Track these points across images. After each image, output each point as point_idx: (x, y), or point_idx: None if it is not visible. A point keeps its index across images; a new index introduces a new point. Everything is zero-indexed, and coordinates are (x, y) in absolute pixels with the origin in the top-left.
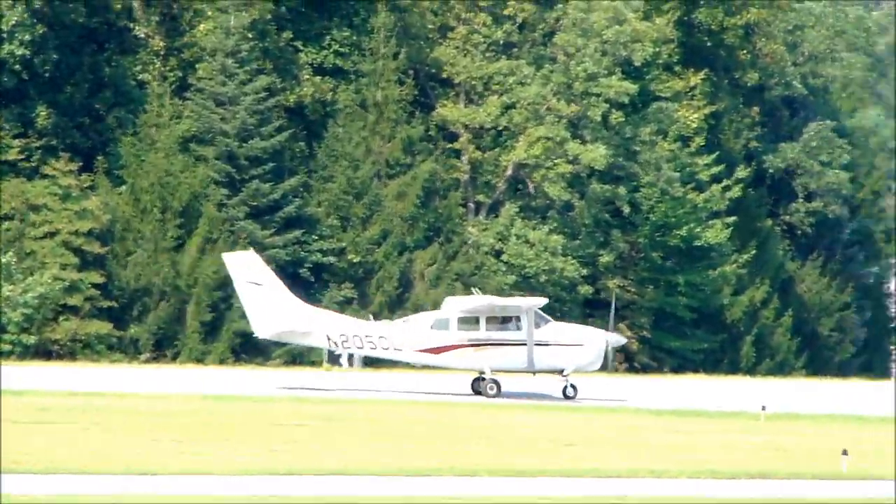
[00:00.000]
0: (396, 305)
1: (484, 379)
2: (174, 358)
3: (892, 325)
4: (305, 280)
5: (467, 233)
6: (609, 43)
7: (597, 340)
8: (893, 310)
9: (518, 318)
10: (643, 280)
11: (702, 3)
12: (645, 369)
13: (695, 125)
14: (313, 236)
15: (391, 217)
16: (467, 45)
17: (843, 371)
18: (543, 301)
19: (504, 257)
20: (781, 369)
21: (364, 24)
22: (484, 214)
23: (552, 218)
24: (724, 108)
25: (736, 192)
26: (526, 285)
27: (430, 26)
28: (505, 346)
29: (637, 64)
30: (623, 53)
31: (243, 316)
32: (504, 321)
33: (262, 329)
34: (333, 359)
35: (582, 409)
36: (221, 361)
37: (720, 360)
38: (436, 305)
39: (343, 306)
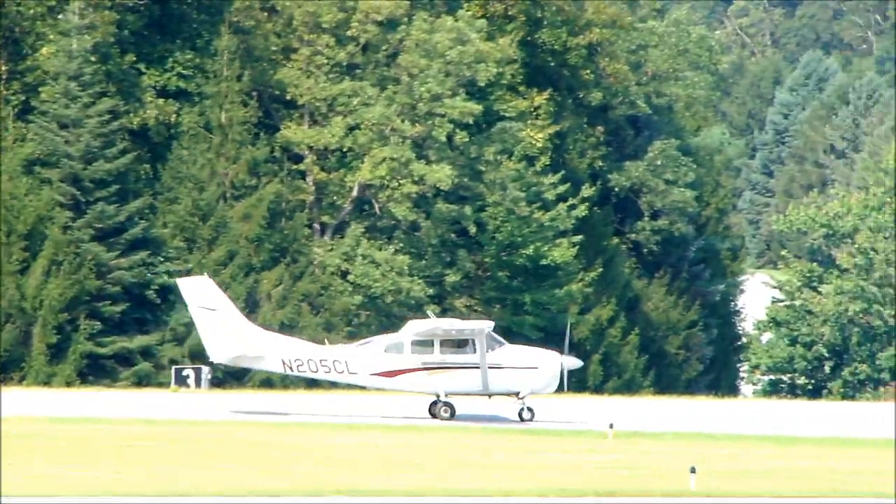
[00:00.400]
0: None
1: (437, 402)
2: (21, 381)
3: (739, 343)
4: (152, 302)
5: (313, 253)
6: (453, 63)
7: (551, 363)
8: (740, 327)
9: (472, 342)
10: (490, 299)
11: (545, 23)
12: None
13: (539, 145)
14: (159, 258)
15: (237, 238)
16: (311, 67)
17: (690, 389)
18: (491, 324)
19: (350, 277)
20: (629, 388)
21: (207, 47)
22: (329, 235)
23: (398, 238)
24: (568, 127)
25: (581, 210)
26: (372, 306)
27: (273, 48)
28: (459, 369)
29: (481, 84)
30: (467, 74)
31: (89, 338)
32: (458, 344)
33: (217, 354)
34: (181, 380)
35: (427, 429)
36: (68, 384)
37: (568, 379)
38: (282, 326)
39: (189, 328)
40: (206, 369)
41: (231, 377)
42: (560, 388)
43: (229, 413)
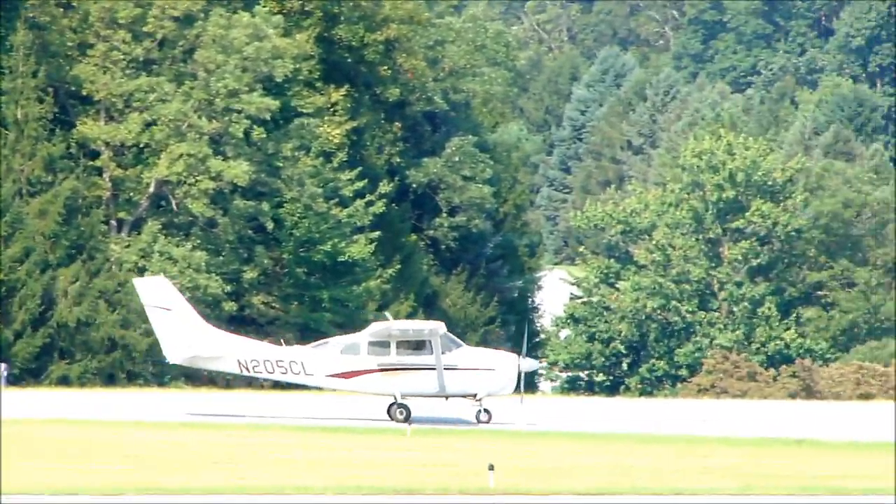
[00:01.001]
0: (39, 324)
1: (399, 404)
2: None
3: (538, 340)
4: None
5: (110, 250)
6: (250, 59)
7: (508, 365)
8: (538, 323)
9: (429, 343)
10: (287, 296)
11: (342, 19)
12: (290, 386)
13: (337, 141)
14: None
15: (33, 235)
16: (107, 63)
17: None
18: (443, 326)
19: (147, 274)
20: None
21: (2, 43)
22: (126, 232)
23: (195, 235)
24: (365, 123)
25: (379, 207)
26: None
27: (69, 44)
28: (415, 370)
29: (278, 80)
30: (264, 70)
31: None
32: (415, 346)
33: (174, 354)
34: None
35: (225, 426)
36: None
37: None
38: (80, 322)
39: None
40: (3, 366)
41: (29, 374)
42: (517, 390)
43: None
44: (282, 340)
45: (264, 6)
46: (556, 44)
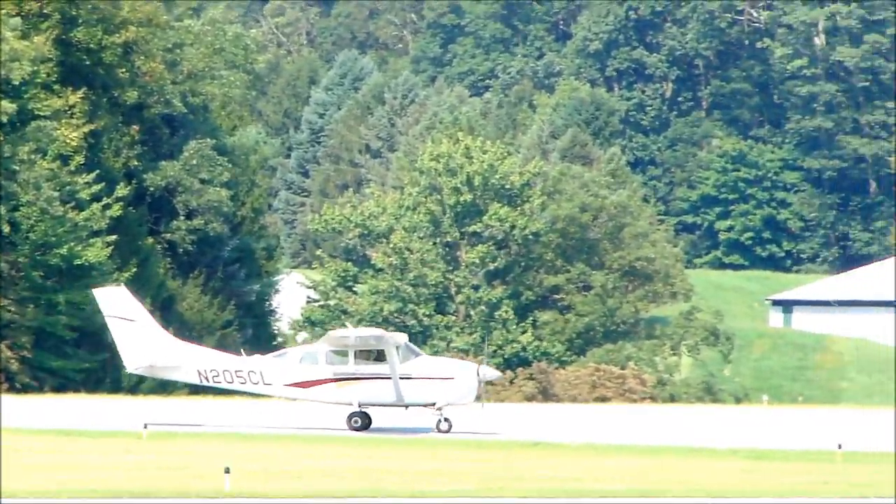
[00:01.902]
0: None
1: (356, 413)
2: None
3: (275, 343)
4: None
5: None
6: None
7: (467, 374)
8: (275, 327)
9: (387, 353)
10: (23, 299)
11: (80, 21)
12: (26, 389)
13: (74, 144)
14: None
15: None
16: None
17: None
18: (405, 336)
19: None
20: (164, 387)
21: None
22: None
23: None
24: (103, 126)
25: (116, 210)
26: None
27: None
28: (373, 380)
29: (15, 83)
30: (2, 72)
31: None
32: (374, 355)
33: (132, 364)
34: None
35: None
36: None
37: (102, 380)
38: None
39: None
40: None
41: None
42: (478, 398)
43: None
44: (241, 350)
45: (2, 8)
46: (295, 47)
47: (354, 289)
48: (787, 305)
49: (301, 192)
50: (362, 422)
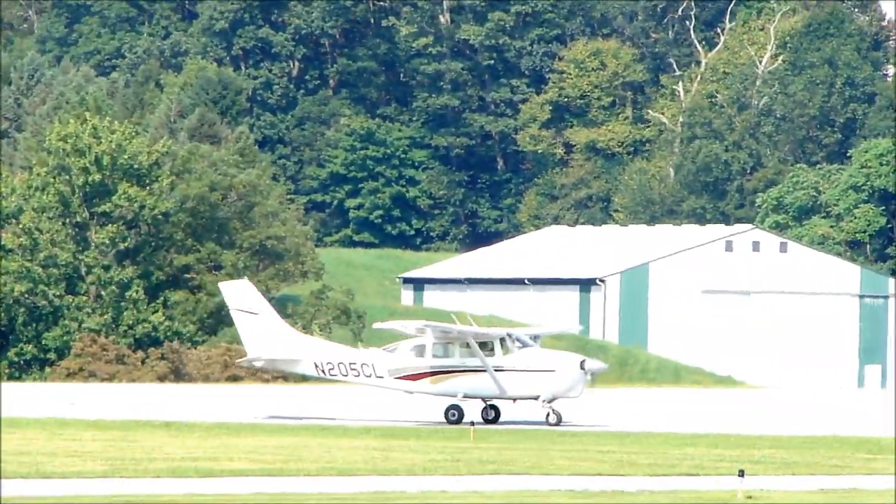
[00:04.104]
0: None
1: (452, 406)
2: None
3: None
4: None
5: None
6: None
7: (570, 366)
8: None
9: (492, 345)
10: None
11: None
12: None
13: None
14: None
15: None
16: None
17: None
18: (507, 330)
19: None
20: None
21: None
22: None
23: None
24: None
25: None
26: None
27: None
28: (477, 372)
29: None
30: None
31: None
32: (480, 348)
33: (256, 356)
34: None
35: None
36: None
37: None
38: None
39: None
40: None
41: None
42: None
43: None
44: (358, 343)
45: None
46: None
47: None
48: (417, 283)
49: None
50: (459, 415)
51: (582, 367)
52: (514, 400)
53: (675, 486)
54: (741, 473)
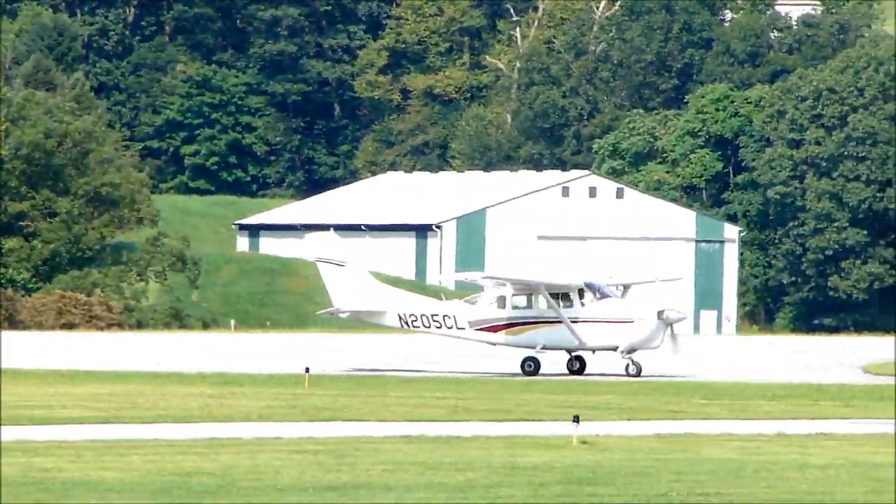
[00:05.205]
0: None
1: (528, 357)
2: None
3: None
4: None
5: None
6: None
7: (648, 316)
8: None
9: (571, 296)
10: None
11: None
12: None
13: None
14: None
15: None
16: None
17: None
18: (589, 280)
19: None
20: None
21: None
22: None
23: None
24: None
25: None
26: None
27: None
28: (556, 324)
29: None
30: None
31: None
32: (559, 299)
33: (340, 307)
34: None
35: None
36: None
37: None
38: None
39: None
40: None
41: None
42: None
43: None
44: (441, 295)
45: None
46: None
47: None
48: (253, 230)
49: None
50: (535, 366)
51: (660, 317)
52: (594, 351)
53: (511, 432)
54: (576, 419)
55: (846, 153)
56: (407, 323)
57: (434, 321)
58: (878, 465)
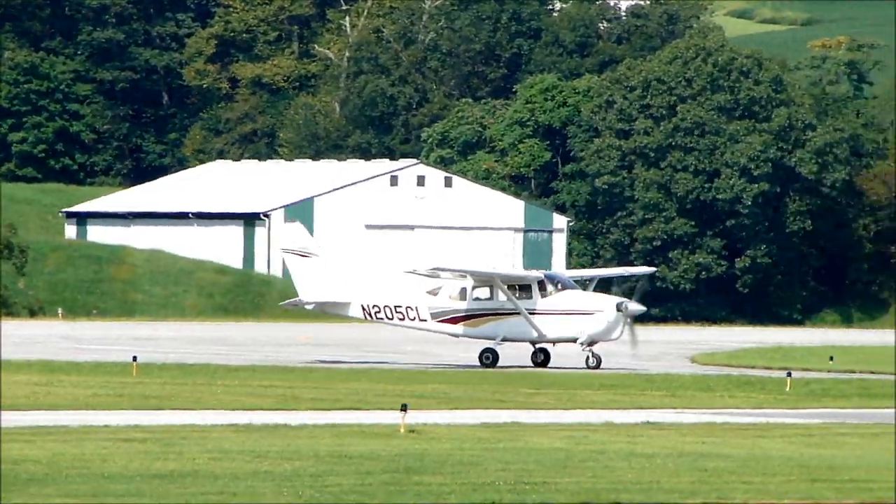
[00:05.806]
0: None
1: (487, 349)
2: None
3: None
4: None
5: None
6: None
7: (607, 308)
8: None
9: (531, 287)
10: None
11: None
12: None
13: None
14: None
15: None
16: None
17: None
18: (544, 272)
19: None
20: None
21: None
22: None
23: None
24: None
25: None
26: None
27: None
28: (516, 315)
29: None
30: None
31: None
32: (518, 290)
33: (305, 299)
34: None
35: None
36: None
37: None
38: None
39: None
40: None
41: None
42: (631, 334)
43: None
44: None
45: None
46: None
47: None
48: (81, 218)
49: None
50: (493, 358)
51: (619, 310)
52: (553, 343)
53: (338, 421)
54: (404, 408)
55: (674, 143)
56: (371, 314)
57: (397, 313)
58: (705, 455)
